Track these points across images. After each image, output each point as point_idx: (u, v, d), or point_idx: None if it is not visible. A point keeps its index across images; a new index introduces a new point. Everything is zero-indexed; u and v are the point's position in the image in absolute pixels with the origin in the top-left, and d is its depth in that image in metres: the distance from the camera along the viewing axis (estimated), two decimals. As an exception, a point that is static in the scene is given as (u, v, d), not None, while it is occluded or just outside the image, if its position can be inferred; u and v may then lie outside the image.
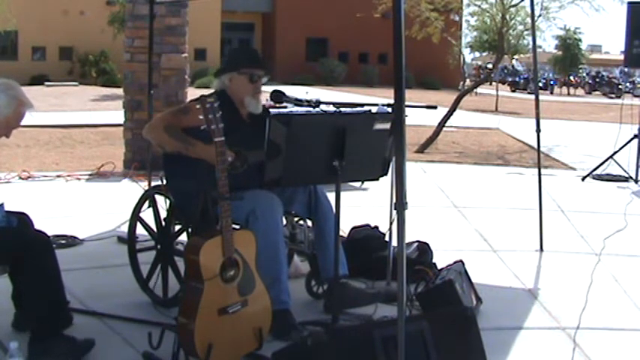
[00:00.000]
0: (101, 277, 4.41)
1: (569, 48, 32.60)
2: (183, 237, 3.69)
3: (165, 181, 3.79)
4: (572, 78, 36.23)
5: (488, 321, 3.65)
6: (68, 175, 7.75)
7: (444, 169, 9.30)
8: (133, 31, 8.01)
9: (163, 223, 3.84)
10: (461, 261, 3.99)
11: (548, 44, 43.36)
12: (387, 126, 3.38)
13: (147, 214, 3.94)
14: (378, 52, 33.77)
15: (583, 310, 3.92)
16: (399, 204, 2.55)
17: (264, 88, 3.77)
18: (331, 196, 3.55)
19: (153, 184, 5.73)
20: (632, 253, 5.23)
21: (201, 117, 2.95)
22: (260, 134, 3.60)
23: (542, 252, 5.12)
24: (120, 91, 10.60)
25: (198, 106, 2.98)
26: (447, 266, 3.92)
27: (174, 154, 3.52)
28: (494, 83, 26.34)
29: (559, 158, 10.63)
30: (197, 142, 3.41)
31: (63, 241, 5.01)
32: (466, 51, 28.10)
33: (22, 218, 3.28)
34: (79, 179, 7.65)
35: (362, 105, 3.95)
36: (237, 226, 3.25)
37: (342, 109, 3.59)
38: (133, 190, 6.87)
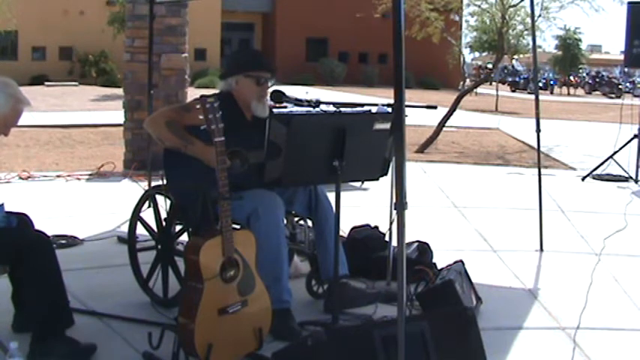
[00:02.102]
0: (101, 277, 4.40)
1: (569, 48, 32.63)
2: (184, 237, 3.69)
3: (165, 180, 3.79)
4: (572, 78, 36.25)
5: (489, 321, 3.65)
6: (68, 175, 7.75)
7: (444, 169, 9.30)
8: (133, 31, 8.02)
9: (164, 223, 3.84)
10: (461, 261, 3.99)
11: (548, 44, 43.34)
12: (387, 126, 3.38)
13: (147, 214, 3.94)
14: (378, 52, 33.78)
15: (583, 310, 3.92)
16: (399, 204, 2.55)
17: (264, 88, 3.77)
18: (331, 196, 3.55)
19: (153, 184, 5.73)
20: (632, 253, 5.23)
21: (201, 117, 2.95)
22: (264, 136, 3.60)
23: (542, 252, 5.12)
24: (120, 91, 10.60)
25: (198, 106, 2.98)
26: (447, 266, 3.92)
27: (174, 152, 3.52)
28: (494, 83, 26.34)
29: (559, 158, 10.63)
30: (196, 140, 3.41)
31: (63, 241, 5.00)
32: (466, 51, 28.14)
33: (22, 218, 3.28)
34: (79, 179, 7.64)
35: (362, 105, 3.95)
36: (238, 226, 3.25)
37: (342, 109, 3.59)
38: (133, 190, 6.87)
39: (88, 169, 8.15)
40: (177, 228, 3.79)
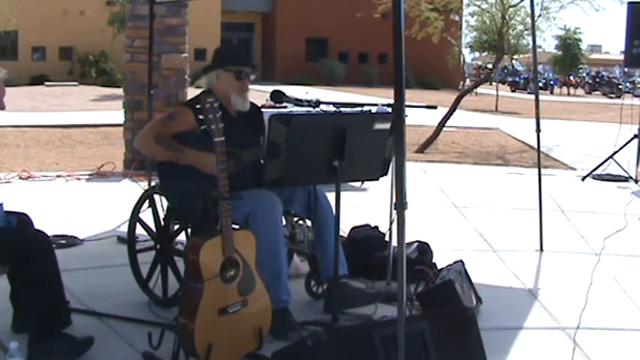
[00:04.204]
0: (101, 277, 4.40)
1: (569, 48, 32.64)
2: (183, 237, 3.69)
3: (160, 183, 3.79)
4: (572, 78, 36.25)
5: (489, 321, 3.65)
6: (68, 175, 7.75)
7: (444, 169, 9.30)
8: (133, 31, 8.01)
9: (162, 223, 3.84)
10: (461, 261, 3.98)
11: (548, 44, 43.32)
12: (387, 126, 3.38)
13: (146, 214, 3.94)
14: (378, 52, 33.78)
15: (583, 310, 3.92)
16: (399, 204, 2.55)
17: (264, 88, 3.77)
18: (331, 196, 3.55)
19: (153, 184, 5.73)
20: (632, 253, 5.23)
21: (201, 116, 2.95)
22: (251, 132, 3.61)
23: (542, 252, 5.12)
24: (120, 91, 10.60)
25: (198, 106, 2.98)
26: (447, 266, 3.92)
27: (166, 162, 3.53)
28: (494, 83, 26.34)
29: (559, 158, 10.64)
30: (187, 149, 3.43)
31: (63, 241, 5.00)
32: (466, 51, 28.14)
33: (22, 218, 3.27)
34: (79, 179, 7.64)
35: (362, 105, 3.95)
36: (237, 226, 3.25)
37: (342, 109, 3.59)
38: (132, 190, 6.87)
39: (88, 169, 8.14)
40: (176, 227, 3.79)
